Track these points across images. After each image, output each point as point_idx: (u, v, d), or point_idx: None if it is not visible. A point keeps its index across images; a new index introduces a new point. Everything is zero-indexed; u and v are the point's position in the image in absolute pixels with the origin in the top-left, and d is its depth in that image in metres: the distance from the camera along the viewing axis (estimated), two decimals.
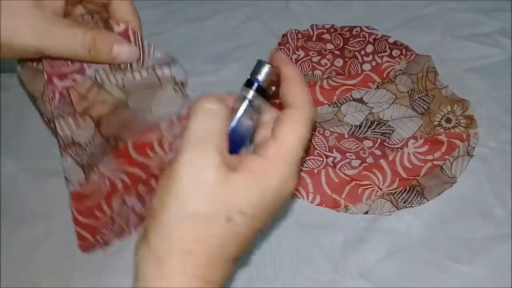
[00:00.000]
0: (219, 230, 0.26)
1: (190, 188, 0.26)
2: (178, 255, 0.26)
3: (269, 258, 0.44)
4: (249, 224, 0.27)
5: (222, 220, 0.26)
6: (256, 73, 0.28)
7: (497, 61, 0.52)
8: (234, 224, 0.26)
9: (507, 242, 0.43)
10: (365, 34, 0.55)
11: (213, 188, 0.26)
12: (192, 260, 0.26)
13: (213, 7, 0.59)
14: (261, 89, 0.28)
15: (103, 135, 0.37)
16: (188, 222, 0.26)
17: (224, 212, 0.26)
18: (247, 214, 0.27)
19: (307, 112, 0.28)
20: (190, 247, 0.26)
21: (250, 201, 0.26)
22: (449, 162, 0.47)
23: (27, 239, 0.47)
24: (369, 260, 0.44)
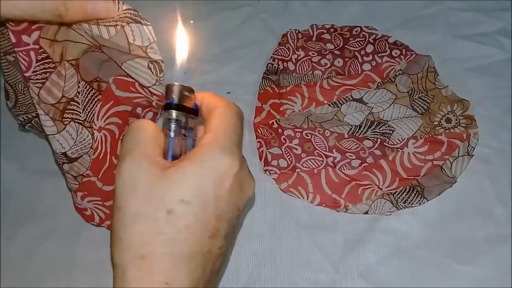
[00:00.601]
0: (164, 227, 0.26)
1: (126, 195, 0.26)
2: (132, 263, 0.26)
3: (269, 258, 0.44)
4: (194, 211, 0.26)
5: (163, 215, 0.26)
6: (169, 95, 0.30)
7: (497, 61, 0.52)
8: (178, 216, 0.26)
9: (508, 242, 0.43)
10: (365, 34, 0.55)
11: (147, 188, 0.26)
12: (147, 265, 0.25)
13: (213, 6, 0.59)
14: (179, 106, 0.29)
15: (85, 81, 0.36)
16: (133, 227, 0.26)
17: (164, 206, 0.26)
18: (187, 200, 0.26)
19: (233, 106, 0.30)
20: (141, 252, 0.26)
21: (188, 187, 0.26)
22: (449, 162, 0.47)
23: (27, 239, 0.47)
24: (369, 260, 0.44)
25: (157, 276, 0.25)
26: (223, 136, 0.28)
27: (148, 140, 0.28)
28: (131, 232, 0.26)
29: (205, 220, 0.26)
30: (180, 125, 0.30)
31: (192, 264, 0.26)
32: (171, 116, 0.29)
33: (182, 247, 0.26)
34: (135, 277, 0.26)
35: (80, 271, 0.45)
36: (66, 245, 0.46)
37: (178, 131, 0.29)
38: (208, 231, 0.27)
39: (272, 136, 0.49)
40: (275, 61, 0.54)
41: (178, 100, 0.29)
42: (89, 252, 0.46)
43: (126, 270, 0.26)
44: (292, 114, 0.51)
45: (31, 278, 0.45)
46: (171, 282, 0.25)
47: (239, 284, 0.44)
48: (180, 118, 0.29)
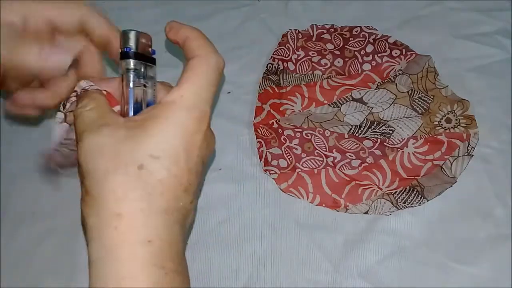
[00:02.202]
0: (138, 182, 0.25)
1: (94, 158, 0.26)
2: (109, 222, 0.25)
3: (269, 258, 0.44)
4: (166, 166, 0.25)
5: (134, 170, 0.25)
6: (126, 43, 0.28)
7: (497, 61, 0.52)
8: (150, 171, 0.25)
9: (508, 242, 0.43)
10: (365, 34, 0.55)
11: (114, 147, 0.25)
12: (125, 223, 0.24)
13: (213, 6, 0.59)
14: (137, 54, 0.28)
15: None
16: (105, 183, 0.25)
17: (134, 162, 0.25)
18: (157, 155, 0.25)
19: (212, 59, 0.28)
20: (117, 210, 0.25)
21: (156, 143, 0.26)
22: (449, 162, 0.47)
23: (27, 239, 0.47)
24: (369, 260, 0.44)
25: (137, 234, 0.25)
26: (192, 94, 0.27)
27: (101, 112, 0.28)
28: (104, 189, 0.25)
29: (178, 174, 0.26)
30: (139, 75, 0.28)
31: (170, 219, 0.26)
32: (129, 66, 0.28)
33: (159, 202, 0.25)
34: (113, 237, 0.24)
35: (80, 271, 0.45)
36: (66, 245, 0.46)
37: (137, 81, 0.28)
38: (182, 185, 0.26)
39: (272, 136, 0.49)
40: (275, 61, 0.54)
41: (135, 48, 0.28)
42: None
43: (102, 230, 0.25)
44: (292, 114, 0.51)
45: (31, 278, 0.45)
46: (153, 239, 0.24)
47: (239, 284, 0.44)
48: (138, 67, 0.28)
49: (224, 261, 0.45)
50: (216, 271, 0.44)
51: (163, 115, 0.26)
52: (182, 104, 0.27)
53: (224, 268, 0.44)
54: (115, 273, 0.24)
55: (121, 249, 0.24)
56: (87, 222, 0.26)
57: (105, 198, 0.25)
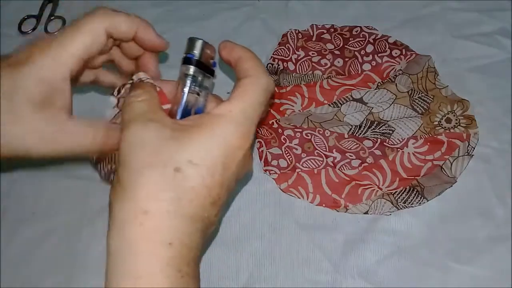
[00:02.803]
0: (171, 184, 0.25)
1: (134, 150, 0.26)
2: (134, 216, 0.25)
3: (269, 258, 0.44)
4: (201, 174, 0.26)
5: (171, 171, 0.25)
6: (190, 49, 0.29)
7: (497, 61, 0.52)
8: (185, 176, 0.25)
9: (508, 242, 0.43)
10: (365, 34, 0.55)
11: (156, 144, 0.26)
12: (150, 222, 0.25)
13: (213, 6, 0.59)
14: (199, 63, 0.28)
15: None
16: (139, 177, 0.25)
17: (172, 163, 0.25)
18: (196, 162, 0.26)
19: (263, 79, 0.29)
20: (145, 206, 0.25)
21: (197, 151, 0.26)
22: (449, 162, 0.47)
23: (27, 239, 0.47)
24: (369, 260, 0.44)
25: (161, 234, 0.25)
26: (240, 110, 0.28)
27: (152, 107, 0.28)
28: (137, 182, 0.25)
29: (210, 185, 0.26)
30: (196, 82, 0.29)
31: (194, 227, 0.26)
32: (189, 72, 0.29)
33: (187, 208, 0.26)
34: (137, 232, 0.25)
35: (80, 271, 0.45)
36: (66, 245, 0.46)
37: (192, 88, 0.29)
38: (211, 197, 0.27)
39: (272, 136, 0.49)
40: (275, 61, 0.54)
41: (198, 56, 0.28)
42: (89, 252, 0.46)
43: (127, 223, 0.25)
44: (292, 114, 0.51)
45: (31, 278, 0.45)
46: (175, 243, 0.25)
47: (239, 284, 0.44)
48: (197, 75, 0.29)
49: (224, 261, 0.45)
50: (216, 271, 0.44)
51: (209, 125, 0.27)
52: (229, 118, 0.27)
53: (224, 268, 0.44)
54: (133, 269, 0.25)
55: (143, 246, 0.25)
56: (113, 210, 0.26)
57: (136, 192, 0.25)
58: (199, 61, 0.29)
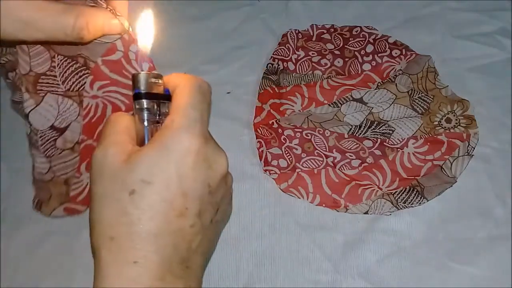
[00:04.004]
0: (128, 207, 0.26)
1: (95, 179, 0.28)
2: (103, 244, 0.26)
3: (269, 258, 0.44)
4: (156, 191, 0.26)
5: (126, 196, 0.26)
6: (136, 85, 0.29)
7: (497, 61, 0.52)
8: (140, 195, 0.26)
9: (508, 242, 0.43)
10: (365, 34, 0.55)
11: (112, 172, 0.27)
12: (116, 246, 0.26)
13: (213, 6, 0.59)
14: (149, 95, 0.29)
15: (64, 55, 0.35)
16: (100, 209, 0.27)
17: (126, 188, 0.26)
18: (148, 180, 0.26)
19: (190, 82, 0.30)
20: (110, 233, 0.26)
21: (147, 168, 0.27)
22: (449, 162, 0.47)
23: (27, 239, 0.47)
24: (369, 260, 0.44)
25: (126, 255, 0.26)
26: (179, 116, 0.28)
27: (119, 131, 0.29)
28: (99, 214, 0.27)
29: (169, 198, 0.27)
30: (153, 112, 0.29)
31: (161, 242, 0.26)
32: (141, 106, 0.29)
33: (148, 226, 0.26)
34: (106, 257, 0.26)
35: (80, 271, 0.45)
36: (66, 245, 0.46)
37: (151, 118, 0.29)
38: (175, 210, 0.27)
39: (272, 136, 0.49)
40: (275, 61, 0.54)
41: (145, 89, 0.29)
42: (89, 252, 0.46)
43: (99, 252, 0.27)
44: (292, 114, 0.51)
45: (31, 278, 0.45)
46: (140, 261, 0.26)
47: (239, 284, 0.44)
48: (149, 106, 0.29)
49: (224, 261, 0.45)
50: (216, 271, 0.44)
51: (156, 140, 0.27)
52: (173, 127, 0.28)
53: (224, 268, 0.44)
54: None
55: (110, 269, 0.26)
56: (90, 240, 0.28)
57: (101, 221, 0.27)
58: (147, 93, 0.29)
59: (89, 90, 0.37)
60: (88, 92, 0.37)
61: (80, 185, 0.42)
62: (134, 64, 0.35)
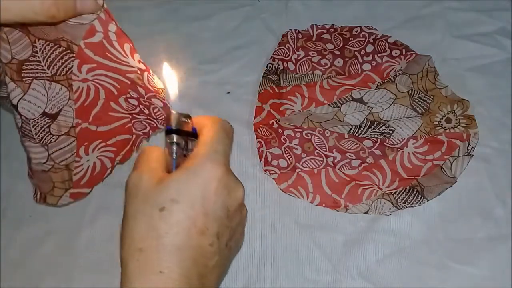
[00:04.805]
0: (158, 223, 0.29)
1: (130, 199, 0.31)
2: (132, 255, 0.29)
3: (269, 258, 0.45)
4: (183, 209, 0.30)
5: (157, 212, 0.30)
6: (168, 122, 0.34)
7: (497, 61, 0.52)
8: (169, 213, 0.30)
9: (507, 242, 0.43)
10: (365, 34, 0.55)
11: (145, 193, 0.31)
12: (144, 256, 0.29)
13: (213, 6, 0.59)
14: (177, 131, 0.34)
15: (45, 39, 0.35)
16: (133, 225, 0.30)
17: (157, 206, 0.30)
18: (176, 199, 0.30)
19: (216, 122, 0.34)
20: (139, 245, 0.29)
21: (177, 189, 0.30)
22: (449, 162, 0.47)
23: (27, 239, 0.47)
24: (369, 260, 0.44)
25: (152, 265, 0.29)
26: (206, 148, 0.32)
27: (152, 160, 0.33)
28: (132, 229, 0.30)
29: (193, 217, 0.30)
30: (181, 147, 0.34)
31: (183, 255, 0.29)
32: (171, 140, 0.33)
33: (174, 240, 0.29)
34: (135, 267, 0.29)
35: (80, 271, 0.45)
36: (66, 245, 0.46)
37: (179, 152, 0.34)
38: (197, 227, 0.30)
39: (272, 136, 0.49)
40: (275, 61, 0.54)
41: (175, 126, 0.33)
42: (89, 252, 0.46)
43: (127, 262, 0.29)
44: (292, 114, 0.51)
45: (31, 278, 0.45)
46: (165, 271, 0.29)
47: (239, 284, 0.44)
48: (179, 141, 0.34)
49: None
50: None
51: (185, 167, 0.31)
52: (200, 156, 0.32)
53: None
54: None
55: (139, 277, 0.29)
56: (120, 255, 0.30)
57: (133, 234, 0.30)
58: (177, 130, 0.33)
59: (78, 74, 0.37)
60: (77, 76, 0.37)
61: (81, 169, 0.42)
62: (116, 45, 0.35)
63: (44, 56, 0.36)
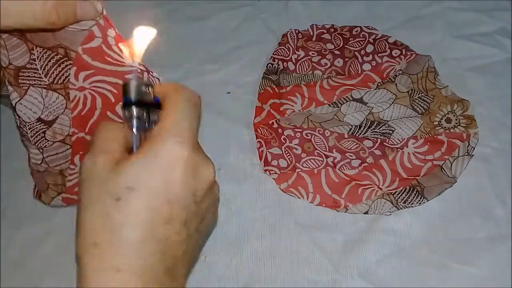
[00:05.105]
0: (113, 213, 0.26)
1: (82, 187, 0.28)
2: (86, 250, 0.26)
3: (269, 258, 0.44)
4: (142, 198, 0.26)
5: (112, 202, 0.26)
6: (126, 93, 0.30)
7: (497, 61, 0.52)
8: (126, 202, 0.26)
9: (508, 242, 0.43)
10: (365, 34, 0.55)
11: (99, 180, 0.27)
12: (98, 252, 0.26)
13: (213, 6, 0.59)
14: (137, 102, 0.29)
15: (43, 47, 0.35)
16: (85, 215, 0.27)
17: (113, 194, 0.26)
18: (134, 187, 0.26)
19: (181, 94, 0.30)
20: (93, 239, 0.26)
21: (134, 175, 0.27)
22: (449, 162, 0.47)
23: (27, 239, 0.47)
24: (369, 260, 0.44)
25: (107, 261, 0.26)
26: (169, 125, 0.28)
27: (108, 139, 0.29)
28: (84, 220, 0.27)
29: (155, 206, 0.27)
30: (142, 120, 0.29)
31: (146, 249, 0.26)
32: (130, 113, 0.29)
33: (132, 232, 0.26)
34: (88, 264, 0.26)
35: None
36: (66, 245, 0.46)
37: (141, 126, 0.29)
38: (161, 217, 0.27)
39: (272, 136, 0.49)
40: (275, 61, 0.54)
41: (135, 97, 0.29)
42: None
43: (81, 257, 0.26)
44: (292, 114, 0.51)
45: (31, 278, 0.45)
46: (122, 267, 0.26)
47: (239, 284, 0.44)
48: (139, 114, 0.29)
49: (224, 261, 0.45)
50: (216, 271, 0.44)
51: (146, 148, 0.27)
52: (162, 135, 0.28)
53: (224, 268, 0.44)
54: None
55: (92, 276, 0.26)
56: (75, 247, 0.27)
57: (85, 226, 0.27)
58: (137, 101, 0.29)
59: (75, 82, 0.36)
60: (74, 84, 0.37)
61: (75, 176, 0.42)
62: (115, 48, 0.34)
63: (41, 64, 0.35)
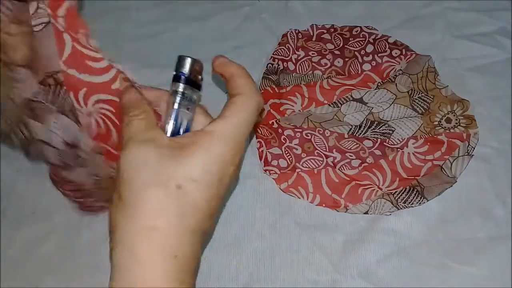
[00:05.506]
0: (174, 200, 0.27)
1: (136, 168, 0.27)
2: (143, 233, 0.26)
3: (269, 258, 0.44)
4: (200, 189, 0.28)
5: (173, 188, 0.27)
6: (181, 67, 0.30)
7: (497, 61, 0.52)
8: (186, 192, 0.27)
9: (508, 242, 0.43)
10: (365, 34, 0.55)
11: (157, 163, 0.27)
12: (159, 237, 0.26)
13: (213, 6, 0.59)
14: (189, 80, 0.30)
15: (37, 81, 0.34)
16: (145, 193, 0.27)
17: (174, 180, 0.27)
18: (195, 179, 0.27)
19: (255, 98, 0.31)
20: (152, 222, 0.26)
21: (196, 168, 0.28)
22: (449, 162, 0.47)
23: (27, 239, 0.47)
24: (369, 260, 0.44)
25: (168, 248, 0.26)
26: (232, 130, 0.29)
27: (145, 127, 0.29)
28: (142, 200, 0.27)
29: (209, 198, 0.28)
30: (185, 98, 0.30)
31: (195, 239, 0.28)
32: (178, 89, 0.30)
33: (190, 222, 0.27)
34: (144, 247, 0.26)
35: (80, 271, 0.45)
36: (66, 245, 0.46)
37: (182, 103, 0.30)
38: (210, 209, 0.29)
39: (272, 136, 0.49)
40: (275, 61, 0.54)
41: (188, 74, 0.30)
42: (89, 252, 0.46)
43: (133, 239, 0.26)
44: (292, 114, 0.51)
45: (31, 278, 0.45)
46: (179, 255, 0.27)
47: (239, 284, 0.44)
48: (187, 91, 0.30)
49: (224, 261, 0.45)
50: (216, 271, 0.44)
51: (205, 142, 0.29)
52: (223, 136, 0.29)
53: (224, 268, 0.44)
54: (140, 280, 0.26)
55: (150, 259, 0.26)
56: (117, 227, 0.27)
57: (142, 209, 0.27)
58: (189, 79, 0.30)
59: (79, 107, 0.36)
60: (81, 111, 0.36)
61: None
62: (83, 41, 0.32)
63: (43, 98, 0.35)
